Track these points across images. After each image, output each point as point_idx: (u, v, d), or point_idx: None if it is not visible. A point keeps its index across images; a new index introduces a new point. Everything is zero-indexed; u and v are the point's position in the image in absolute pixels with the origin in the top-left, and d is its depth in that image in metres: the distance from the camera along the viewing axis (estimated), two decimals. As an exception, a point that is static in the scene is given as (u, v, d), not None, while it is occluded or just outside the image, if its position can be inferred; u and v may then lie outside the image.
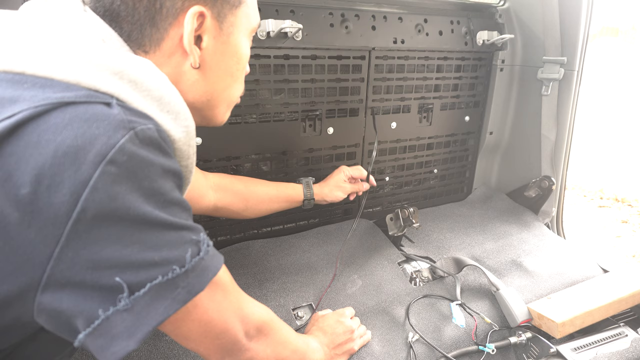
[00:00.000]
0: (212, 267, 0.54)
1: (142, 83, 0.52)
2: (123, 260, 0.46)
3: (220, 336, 0.60)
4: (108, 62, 0.50)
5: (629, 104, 6.91)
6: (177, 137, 0.55)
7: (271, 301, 1.11)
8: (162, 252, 0.48)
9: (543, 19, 1.46)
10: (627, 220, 3.35)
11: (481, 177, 1.83)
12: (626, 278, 1.20)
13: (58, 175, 0.43)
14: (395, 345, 1.01)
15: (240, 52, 0.67)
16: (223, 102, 0.69)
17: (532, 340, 1.03)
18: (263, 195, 1.15)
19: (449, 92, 1.57)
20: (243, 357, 0.65)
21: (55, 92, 0.46)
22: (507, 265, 1.33)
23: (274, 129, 1.29)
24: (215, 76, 0.64)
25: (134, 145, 0.46)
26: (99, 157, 0.44)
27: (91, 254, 0.44)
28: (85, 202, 0.43)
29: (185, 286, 0.50)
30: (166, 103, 0.54)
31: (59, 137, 0.43)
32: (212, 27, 0.61)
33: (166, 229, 0.49)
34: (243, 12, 0.65)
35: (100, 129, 0.45)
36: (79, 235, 0.44)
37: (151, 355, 0.92)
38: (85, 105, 0.46)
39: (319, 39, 1.26)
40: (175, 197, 0.51)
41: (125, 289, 0.46)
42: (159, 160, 0.49)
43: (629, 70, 9.38)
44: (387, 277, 1.25)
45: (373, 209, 1.62)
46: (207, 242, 0.54)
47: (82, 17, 0.55)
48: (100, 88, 0.49)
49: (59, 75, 0.48)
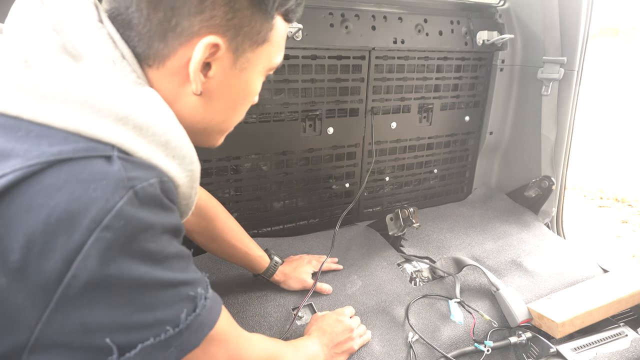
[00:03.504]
0: (209, 321, 0.53)
1: (148, 128, 0.49)
2: (114, 323, 0.45)
3: None
4: (112, 105, 0.47)
5: (629, 104, 6.91)
6: (182, 182, 0.54)
7: (271, 301, 1.11)
8: (155, 313, 0.47)
9: (543, 19, 1.46)
10: (627, 220, 3.35)
11: (481, 177, 1.83)
12: (626, 278, 1.19)
13: (50, 242, 0.41)
14: (395, 345, 1.01)
15: (250, 89, 0.62)
16: (219, 132, 0.66)
17: (532, 340, 1.03)
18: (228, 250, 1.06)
19: (449, 92, 1.57)
20: None
21: (52, 146, 0.43)
22: (507, 265, 1.33)
23: (274, 129, 1.29)
24: (216, 107, 0.60)
25: (133, 207, 0.44)
26: (94, 224, 0.41)
27: (81, 317, 0.43)
28: (77, 269, 0.41)
29: (179, 345, 0.49)
30: (172, 148, 0.51)
31: (52, 201, 0.41)
32: (225, 59, 0.56)
33: (161, 288, 0.48)
34: (265, 51, 0.59)
35: (97, 191, 0.42)
36: (69, 300, 0.42)
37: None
38: (83, 162, 0.44)
39: (319, 39, 1.26)
40: (172, 251, 0.49)
41: (115, 350, 0.45)
42: (158, 219, 0.47)
43: (629, 70, 9.38)
44: (387, 277, 1.25)
45: (373, 209, 1.62)
46: (204, 296, 0.53)
47: (95, 33, 0.51)
48: (102, 138, 0.46)
49: (58, 122, 0.45)
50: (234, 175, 1.29)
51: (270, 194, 1.38)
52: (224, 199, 1.31)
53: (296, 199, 1.45)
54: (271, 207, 1.41)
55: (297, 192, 1.43)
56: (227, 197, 1.32)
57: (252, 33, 0.56)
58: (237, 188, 1.33)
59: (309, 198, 1.46)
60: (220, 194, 1.30)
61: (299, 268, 1.17)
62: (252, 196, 1.36)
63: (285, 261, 1.18)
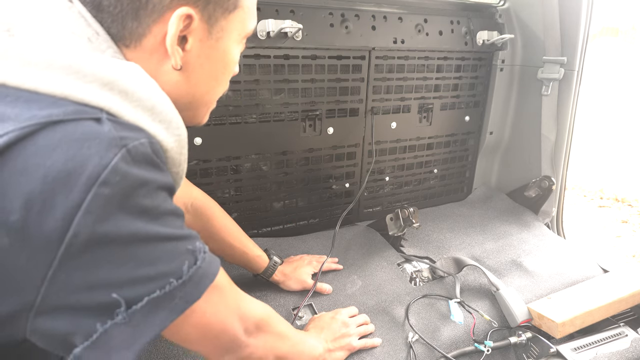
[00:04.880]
0: (210, 274, 0.54)
1: (134, 93, 0.50)
2: (119, 278, 0.45)
3: (220, 336, 0.61)
4: (97, 71, 0.48)
5: (629, 104, 6.91)
6: (170, 147, 0.54)
7: (271, 301, 1.11)
8: (158, 266, 0.48)
9: (543, 19, 1.46)
10: (627, 220, 3.35)
11: (481, 177, 1.83)
12: (626, 278, 1.19)
13: (49, 201, 0.41)
14: (395, 345, 1.01)
15: (228, 58, 0.63)
16: (204, 105, 0.67)
17: (532, 340, 1.03)
18: (226, 249, 1.06)
19: (449, 92, 1.57)
20: (243, 353, 0.65)
21: (42, 109, 0.44)
22: (507, 265, 1.33)
23: (274, 129, 1.29)
24: (198, 79, 0.61)
25: (127, 163, 0.45)
26: (91, 180, 0.42)
27: (86, 275, 0.44)
28: (78, 226, 0.42)
29: (183, 296, 0.50)
30: (158, 112, 0.52)
31: (48, 161, 0.42)
32: (200, 30, 0.57)
33: (161, 243, 0.49)
34: (237, 17, 0.61)
35: (91, 149, 0.43)
36: (72, 259, 0.43)
37: (151, 355, 0.92)
38: (74, 123, 0.44)
39: (319, 39, 1.26)
40: (168, 208, 0.50)
41: (122, 304, 0.46)
42: (152, 176, 0.48)
43: (629, 70, 9.37)
44: (387, 277, 1.25)
45: (373, 209, 1.62)
46: (203, 249, 0.54)
47: (67, 12, 0.52)
48: (89, 102, 0.47)
49: (45, 88, 0.46)
50: (234, 175, 1.29)
51: (270, 194, 1.38)
52: (224, 199, 1.31)
53: (296, 199, 1.45)
54: (271, 207, 1.41)
55: (297, 192, 1.43)
56: (227, 197, 1.32)
57: (222, 0, 0.57)
58: (237, 188, 1.33)
59: (309, 198, 1.46)
60: (220, 194, 1.30)
61: (298, 269, 1.17)
62: (252, 196, 1.36)
63: (285, 261, 1.18)
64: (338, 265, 1.27)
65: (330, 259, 1.26)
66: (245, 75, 1.19)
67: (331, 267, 1.25)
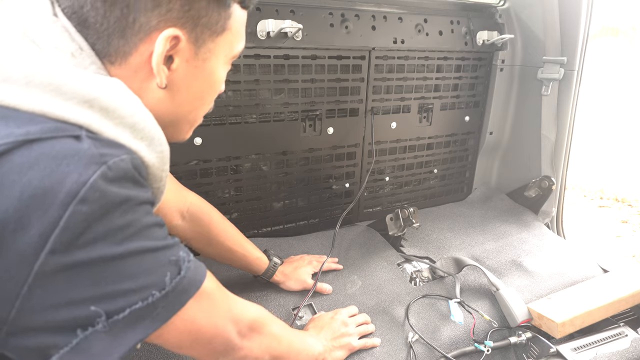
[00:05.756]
0: (195, 281, 0.54)
1: (114, 111, 0.49)
2: (97, 294, 0.45)
3: (213, 340, 0.61)
4: (77, 88, 0.47)
5: (629, 104, 6.91)
6: (151, 163, 0.54)
7: (271, 301, 1.11)
8: (139, 280, 0.48)
9: (543, 19, 1.46)
10: (627, 220, 3.35)
11: (481, 177, 1.83)
12: (626, 278, 1.19)
13: (25, 218, 0.41)
14: (395, 345, 1.01)
15: (214, 78, 0.63)
16: (187, 123, 0.66)
17: (532, 340, 1.03)
18: (226, 253, 1.06)
19: (449, 92, 1.57)
20: (237, 355, 0.65)
21: (19, 127, 0.43)
22: (507, 265, 1.33)
23: (274, 129, 1.29)
24: (183, 98, 0.60)
25: (106, 181, 0.44)
26: (69, 197, 0.42)
27: (63, 291, 0.43)
28: (54, 243, 0.41)
29: (165, 306, 0.50)
30: (140, 129, 0.52)
31: (24, 178, 0.41)
32: (187, 51, 0.56)
33: (142, 256, 0.48)
34: (225, 40, 0.60)
35: (70, 166, 0.42)
36: (48, 275, 0.42)
37: (151, 355, 0.92)
38: (52, 141, 0.44)
39: (319, 39, 1.26)
40: (149, 221, 0.50)
41: (102, 314, 0.45)
42: (132, 193, 0.47)
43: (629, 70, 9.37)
44: (387, 277, 1.25)
45: (373, 209, 1.62)
46: (186, 259, 0.53)
47: (50, 26, 0.51)
48: (68, 119, 0.46)
49: (24, 105, 0.45)
50: (234, 175, 1.29)
51: (270, 194, 1.38)
52: (224, 199, 1.31)
53: (296, 199, 1.45)
54: (271, 207, 1.41)
55: (297, 192, 1.43)
56: (227, 197, 1.32)
57: (211, 23, 0.57)
58: (237, 188, 1.33)
59: (309, 198, 1.46)
60: (220, 194, 1.30)
61: (299, 269, 1.17)
62: (252, 196, 1.36)
63: (285, 261, 1.18)
64: (338, 265, 1.27)
65: (330, 259, 1.26)
66: (245, 75, 1.19)
67: (331, 267, 1.25)
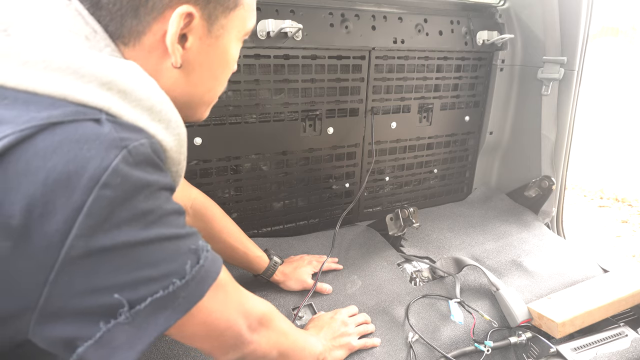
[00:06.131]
0: (212, 272, 0.54)
1: (132, 93, 0.49)
2: (121, 280, 0.45)
3: (224, 333, 0.61)
4: (95, 71, 0.47)
5: (629, 104, 6.91)
6: (169, 146, 0.54)
7: (271, 301, 1.10)
8: (160, 267, 0.48)
9: (543, 19, 1.46)
10: (627, 220, 3.35)
11: (481, 177, 1.83)
12: (626, 278, 1.19)
13: (50, 204, 0.41)
14: (395, 345, 1.01)
15: (228, 56, 0.63)
16: (204, 103, 0.67)
17: (532, 340, 1.03)
18: (227, 251, 1.05)
19: (449, 92, 1.57)
20: (246, 350, 0.65)
21: (41, 111, 0.44)
22: (507, 265, 1.33)
23: (274, 129, 1.29)
24: (198, 77, 0.61)
25: (128, 165, 0.44)
26: (92, 182, 0.42)
27: (88, 278, 0.44)
28: (79, 228, 0.42)
29: (186, 296, 0.50)
30: (157, 112, 0.52)
31: (48, 163, 0.41)
32: (200, 28, 0.56)
33: (163, 243, 0.48)
34: (238, 16, 0.60)
35: (91, 150, 0.43)
36: (74, 262, 0.42)
37: (151, 355, 0.92)
38: (74, 125, 0.44)
39: (319, 39, 1.26)
40: (170, 208, 0.50)
41: (125, 304, 0.45)
42: (153, 178, 0.48)
43: (629, 70, 9.37)
44: (387, 277, 1.25)
45: (373, 209, 1.62)
46: (205, 248, 0.54)
47: (64, 10, 0.51)
48: (88, 102, 0.46)
49: (44, 89, 0.45)
50: (234, 175, 1.29)
51: (270, 194, 1.38)
52: (224, 199, 1.31)
53: (296, 199, 1.45)
54: (271, 207, 1.41)
55: (297, 192, 1.43)
56: (227, 197, 1.32)
57: None
58: (237, 188, 1.33)
59: (309, 198, 1.46)
60: (220, 194, 1.30)
61: (299, 269, 1.17)
62: (252, 196, 1.36)
63: (285, 261, 1.18)
64: (338, 265, 1.27)
65: (330, 259, 1.26)
66: (245, 75, 1.19)
67: (331, 267, 1.25)
